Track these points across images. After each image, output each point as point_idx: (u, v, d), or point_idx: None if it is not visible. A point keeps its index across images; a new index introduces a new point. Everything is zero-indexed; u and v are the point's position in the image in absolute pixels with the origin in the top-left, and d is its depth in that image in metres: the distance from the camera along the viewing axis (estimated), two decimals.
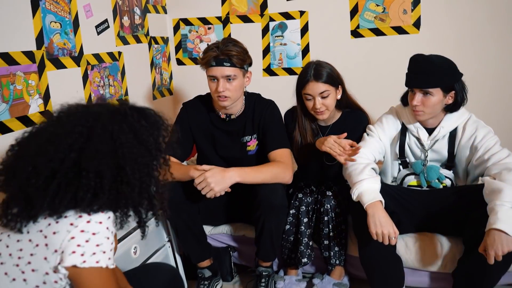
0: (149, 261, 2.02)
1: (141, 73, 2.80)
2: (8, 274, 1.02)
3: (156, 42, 2.95)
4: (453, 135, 1.95)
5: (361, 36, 2.83)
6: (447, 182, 1.98)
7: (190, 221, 2.03)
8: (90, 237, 1.00)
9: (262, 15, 2.96)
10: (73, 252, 0.98)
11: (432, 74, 1.82)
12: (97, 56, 2.32)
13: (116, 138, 1.07)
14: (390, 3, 2.73)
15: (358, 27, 2.82)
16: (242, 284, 2.29)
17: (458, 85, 1.86)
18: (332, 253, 2.08)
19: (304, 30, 2.92)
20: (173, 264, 2.22)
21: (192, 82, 3.14)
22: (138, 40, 2.72)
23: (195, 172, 1.85)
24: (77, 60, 2.16)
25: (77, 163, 1.03)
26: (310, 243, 2.08)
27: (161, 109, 2.80)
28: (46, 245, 1.00)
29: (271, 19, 2.95)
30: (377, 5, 2.76)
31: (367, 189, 1.81)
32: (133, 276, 1.38)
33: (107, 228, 1.03)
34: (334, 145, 1.90)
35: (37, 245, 1.01)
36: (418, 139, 1.99)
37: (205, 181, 1.80)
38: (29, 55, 1.87)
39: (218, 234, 2.31)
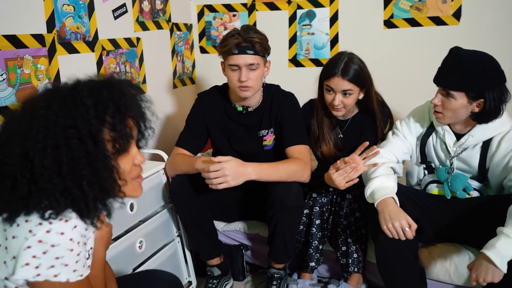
0: (155, 256, 1.96)
1: (161, 60, 2.73)
2: None
3: (179, 29, 2.88)
4: (486, 146, 1.73)
5: (395, 26, 2.66)
6: (475, 195, 1.80)
7: (200, 216, 1.95)
8: (48, 249, 0.90)
9: (289, 2, 2.83)
10: (27, 264, 0.89)
11: (458, 75, 1.60)
12: (113, 42, 2.26)
13: (35, 118, 0.92)
14: None
15: (392, 16, 2.65)
16: (254, 284, 2.21)
17: (491, 94, 1.59)
18: (350, 260, 1.97)
19: (334, 19, 2.77)
20: (182, 260, 2.16)
21: (215, 71, 3.02)
22: (159, 26, 2.65)
23: (200, 164, 1.76)
24: (91, 45, 2.11)
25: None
26: (321, 247, 1.97)
27: (182, 98, 2.78)
28: (6, 248, 0.92)
29: (299, 7, 2.82)
30: None
31: (378, 186, 1.68)
32: (125, 284, 1.29)
33: (71, 239, 0.92)
34: (344, 173, 1.71)
35: None
36: (444, 143, 1.81)
37: (221, 172, 1.70)
38: (39, 38, 1.82)
39: (231, 231, 2.22)
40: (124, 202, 1.09)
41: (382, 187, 1.68)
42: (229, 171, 1.69)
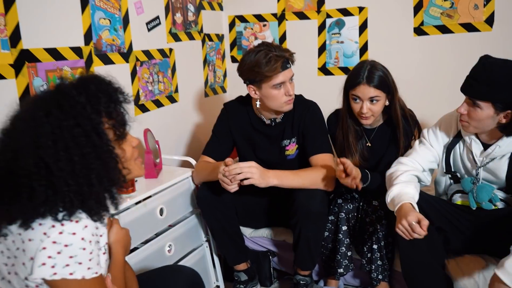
0: (184, 260, 2.03)
1: (193, 70, 2.83)
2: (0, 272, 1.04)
3: (210, 39, 2.98)
4: None
5: (425, 33, 2.65)
6: (500, 206, 1.77)
7: (226, 221, 2.01)
8: (62, 249, 0.97)
9: (318, 11, 2.87)
10: (43, 264, 0.96)
11: (485, 84, 1.58)
12: (146, 53, 2.37)
13: (40, 126, 0.98)
14: None
15: (422, 24, 2.64)
16: None
17: None
18: (374, 266, 1.97)
19: (363, 27, 2.79)
20: (210, 265, 2.22)
21: None
22: (191, 37, 2.76)
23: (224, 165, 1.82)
24: (125, 56, 2.23)
25: (8, 167, 0.99)
26: (349, 253, 1.98)
27: (213, 107, 2.86)
28: (24, 250, 0.99)
29: (328, 16, 2.85)
30: (445, 0, 2.57)
31: (398, 193, 1.66)
32: (147, 280, 1.36)
33: (82, 238, 0.99)
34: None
35: (17, 249, 1.00)
36: (471, 153, 1.78)
37: (250, 169, 1.76)
38: (77, 50, 1.95)
39: (258, 237, 2.27)
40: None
41: (401, 194, 1.66)
42: (256, 169, 1.77)
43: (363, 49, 2.81)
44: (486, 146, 1.75)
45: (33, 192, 0.97)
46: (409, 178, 1.75)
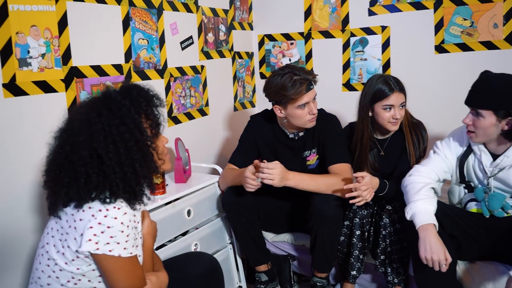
0: None
1: (223, 85, 3.09)
2: (55, 246, 1.30)
3: (240, 57, 3.23)
4: None
5: (446, 51, 2.80)
6: None
7: (249, 225, 2.22)
8: (105, 229, 1.22)
9: (343, 30, 3.08)
10: (89, 240, 1.22)
11: (485, 95, 1.75)
12: (180, 69, 2.65)
13: (93, 125, 1.23)
14: (479, 17, 2.68)
15: (443, 42, 2.80)
16: None
17: None
18: (389, 269, 2.11)
19: (386, 45, 2.97)
20: (234, 266, 2.42)
21: None
22: (222, 55, 3.02)
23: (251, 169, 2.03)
24: (161, 72, 2.50)
25: (68, 158, 1.25)
26: (361, 257, 2.14)
27: (242, 120, 3.11)
28: (75, 228, 1.25)
29: (352, 35, 3.05)
30: (465, 19, 2.72)
31: (421, 210, 1.79)
32: (175, 262, 1.61)
33: (122, 223, 1.24)
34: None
35: (69, 226, 1.27)
36: (481, 163, 1.92)
37: (272, 171, 1.96)
38: (118, 67, 2.24)
39: (279, 242, 2.46)
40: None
41: (425, 211, 1.79)
42: (278, 171, 1.97)
43: (386, 66, 2.98)
44: (495, 156, 1.88)
45: (88, 177, 1.24)
46: (429, 193, 1.87)
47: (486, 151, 1.90)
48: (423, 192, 1.86)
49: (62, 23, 1.95)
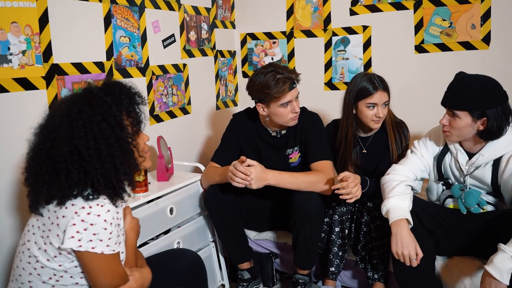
0: None
1: (206, 84, 3.12)
2: (37, 244, 1.31)
3: (223, 55, 3.27)
4: (496, 164, 1.90)
5: (425, 51, 2.89)
6: (489, 208, 1.97)
7: (231, 223, 2.25)
8: (88, 227, 1.24)
9: (325, 30, 3.14)
10: (72, 236, 1.24)
11: (461, 96, 1.82)
12: (162, 67, 2.67)
13: (74, 121, 1.25)
14: (457, 17, 2.77)
15: (422, 42, 2.88)
16: None
17: (493, 112, 1.79)
18: (370, 265, 2.17)
19: (367, 45, 3.04)
20: (216, 264, 2.46)
21: None
22: (204, 53, 3.05)
23: (231, 165, 2.05)
24: (142, 70, 2.52)
25: (48, 154, 1.27)
26: (340, 253, 2.20)
27: (224, 119, 3.15)
28: (58, 225, 1.27)
29: (334, 34, 3.12)
30: (444, 20, 2.80)
31: (394, 206, 1.87)
32: (158, 258, 1.63)
33: (105, 220, 1.26)
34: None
35: (52, 223, 1.28)
36: (458, 162, 1.99)
37: (247, 174, 2.00)
38: (99, 65, 2.25)
39: (262, 240, 2.51)
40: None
41: (398, 207, 1.87)
42: (253, 175, 2.00)
43: (367, 65, 3.06)
44: (471, 155, 1.96)
45: (69, 174, 1.26)
46: (403, 190, 1.94)
47: (462, 150, 1.98)
48: (397, 189, 1.93)
49: (43, 20, 1.96)
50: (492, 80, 1.84)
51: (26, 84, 1.92)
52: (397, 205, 1.87)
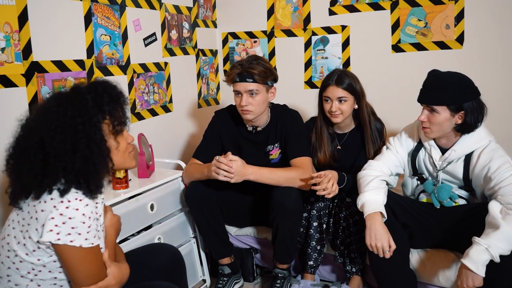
0: None
1: (187, 82, 3.13)
2: (16, 238, 1.32)
3: (204, 54, 3.28)
4: (468, 159, 1.95)
5: (402, 50, 2.94)
6: (461, 202, 2.02)
7: (212, 219, 2.27)
8: (67, 220, 1.25)
9: (305, 29, 3.17)
10: (50, 230, 1.24)
11: (438, 91, 1.87)
12: (143, 66, 2.67)
13: (49, 113, 1.26)
14: (432, 18, 2.82)
15: (399, 41, 2.93)
16: (263, 285, 2.48)
17: (470, 105, 1.85)
18: (348, 259, 2.21)
19: (346, 44, 3.08)
20: (197, 260, 2.47)
21: None
22: (185, 52, 3.06)
23: (214, 159, 2.07)
24: (124, 68, 2.53)
25: (21, 145, 1.29)
26: (319, 248, 2.23)
27: (206, 117, 3.16)
28: (37, 219, 1.27)
29: (314, 33, 3.15)
30: (419, 20, 2.86)
31: (368, 200, 1.91)
32: (137, 253, 1.65)
33: (83, 214, 1.27)
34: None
35: (31, 217, 1.29)
36: (431, 157, 2.04)
37: (229, 168, 2.02)
38: (80, 63, 2.25)
39: (242, 236, 2.53)
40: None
41: (372, 201, 1.91)
42: (234, 169, 2.02)
43: (346, 64, 3.10)
44: (443, 151, 2.01)
45: (36, 163, 1.26)
46: (378, 184, 1.99)
47: (436, 146, 2.02)
48: (372, 184, 1.97)
49: (23, 18, 1.95)
50: (465, 76, 1.91)
51: (5, 81, 1.91)
52: (372, 199, 1.92)
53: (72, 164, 1.27)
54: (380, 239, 1.82)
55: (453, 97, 1.86)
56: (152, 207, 2.17)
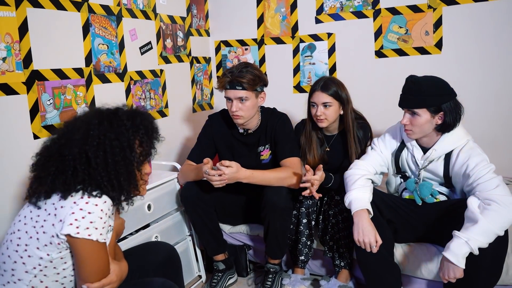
0: None
1: (182, 88, 3.12)
2: (28, 233, 1.32)
3: (198, 61, 3.28)
4: (448, 158, 1.97)
5: (384, 56, 2.95)
6: (442, 198, 2.03)
7: (206, 217, 2.27)
8: (86, 215, 1.27)
9: (293, 37, 3.18)
10: (70, 224, 1.26)
11: (418, 95, 1.88)
12: (139, 73, 2.66)
13: (91, 130, 1.32)
14: (412, 25, 2.84)
15: (382, 47, 2.94)
16: (255, 279, 2.48)
17: (448, 106, 1.88)
18: (337, 254, 2.21)
19: (332, 50, 3.09)
20: (193, 257, 2.47)
21: None
22: (180, 60, 3.06)
23: (205, 168, 2.07)
24: (121, 76, 2.52)
25: (60, 149, 1.32)
26: (309, 243, 2.24)
27: (200, 121, 3.15)
28: (55, 215, 1.28)
29: (301, 41, 3.16)
30: (400, 27, 2.87)
31: (355, 198, 1.91)
32: (134, 251, 1.64)
33: (101, 210, 1.29)
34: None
35: (49, 214, 1.30)
36: (414, 157, 2.06)
37: (222, 176, 2.03)
38: (79, 71, 2.24)
39: (236, 233, 2.52)
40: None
41: (359, 199, 1.91)
42: (228, 176, 2.03)
43: (332, 69, 3.11)
44: (425, 150, 2.02)
45: (75, 172, 1.30)
46: (364, 183, 1.99)
47: (417, 146, 2.04)
48: (358, 182, 1.97)
49: (23, 28, 1.94)
50: (440, 79, 1.93)
51: (7, 89, 1.90)
52: (359, 196, 1.91)
53: (111, 181, 1.32)
54: (367, 235, 1.82)
55: (432, 99, 1.88)
56: (149, 207, 2.16)
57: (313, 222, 2.24)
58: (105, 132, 1.33)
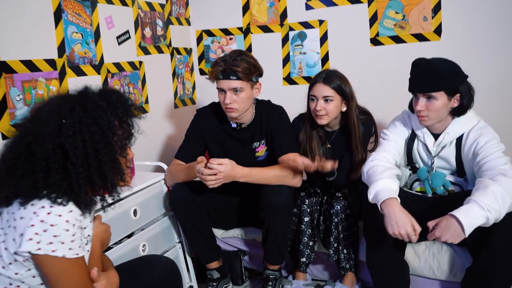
0: None
1: (163, 82, 3.00)
2: None
3: (179, 53, 3.15)
4: (459, 142, 1.94)
5: (380, 44, 2.90)
6: (455, 189, 1.99)
7: (198, 221, 2.15)
8: (48, 227, 1.11)
9: (282, 25, 3.10)
10: (30, 239, 1.11)
11: (434, 78, 1.84)
12: (117, 65, 2.53)
13: (63, 118, 1.16)
14: (410, 10, 2.80)
15: (377, 35, 2.89)
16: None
17: (463, 87, 1.87)
18: (342, 256, 2.14)
19: (324, 39, 3.02)
20: (184, 266, 2.35)
21: (214, 91, 3.23)
22: (160, 51, 2.93)
23: (199, 166, 1.96)
24: (97, 68, 2.37)
25: (28, 148, 1.17)
26: (311, 244, 2.16)
27: (183, 117, 3.03)
28: (15, 227, 1.13)
29: (291, 29, 3.08)
30: (397, 13, 2.83)
31: (382, 187, 1.78)
32: (127, 268, 1.50)
33: (67, 221, 1.14)
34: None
35: (9, 226, 1.15)
36: (425, 145, 2.01)
37: (217, 175, 1.92)
38: (51, 62, 2.09)
39: (229, 238, 2.43)
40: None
41: (388, 188, 1.78)
42: (223, 174, 1.92)
43: (325, 59, 3.04)
44: (436, 136, 1.98)
45: (48, 172, 1.15)
46: (391, 175, 1.87)
47: (428, 133, 2.00)
48: (386, 173, 1.86)
49: None
50: (451, 61, 1.91)
51: None
52: (386, 186, 1.79)
53: (91, 176, 1.18)
54: (403, 225, 1.68)
55: (449, 81, 1.86)
56: (135, 212, 2.04)
57: (315, 221, 2.17)
58: (80, 119, 1.17)
